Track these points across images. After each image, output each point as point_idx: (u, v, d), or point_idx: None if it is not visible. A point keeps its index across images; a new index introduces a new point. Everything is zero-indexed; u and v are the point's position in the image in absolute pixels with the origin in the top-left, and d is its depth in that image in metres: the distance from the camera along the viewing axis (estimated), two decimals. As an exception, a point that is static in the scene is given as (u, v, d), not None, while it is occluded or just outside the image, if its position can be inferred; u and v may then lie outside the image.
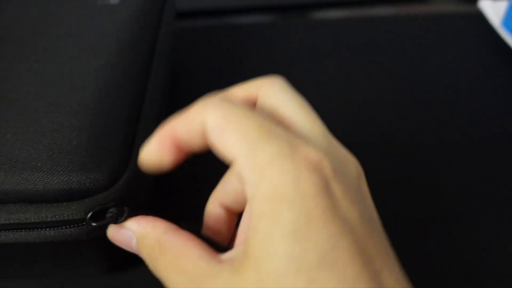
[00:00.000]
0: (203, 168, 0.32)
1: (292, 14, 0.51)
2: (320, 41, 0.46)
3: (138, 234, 0.21)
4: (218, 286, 0.18)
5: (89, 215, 0.21)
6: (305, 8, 0.51)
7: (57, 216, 0.21)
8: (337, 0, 0.51)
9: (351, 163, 0.19)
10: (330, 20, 0.49)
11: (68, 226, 0.22)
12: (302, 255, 0.16)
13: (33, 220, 0.21)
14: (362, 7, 0.51)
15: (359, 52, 0.44)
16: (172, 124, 0.20)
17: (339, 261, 0.16)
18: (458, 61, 0.44)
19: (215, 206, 0.23)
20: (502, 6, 0.46)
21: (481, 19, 0.48)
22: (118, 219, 0.21)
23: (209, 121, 0.19)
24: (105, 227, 0.22)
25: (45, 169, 0.22)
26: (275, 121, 0.19)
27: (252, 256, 0.17)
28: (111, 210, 0.22)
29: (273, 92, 0.21)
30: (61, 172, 0.22)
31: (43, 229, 0.22)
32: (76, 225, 0.22)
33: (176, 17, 0.40)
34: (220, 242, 0.22)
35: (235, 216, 0.23)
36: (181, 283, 0.18)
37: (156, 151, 0.20)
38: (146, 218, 0.21)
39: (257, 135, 0.18)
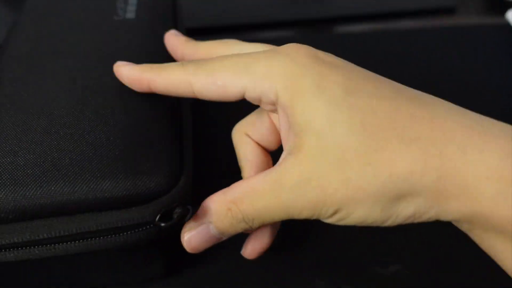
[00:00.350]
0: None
1: (316, 28, 0.51)
2: (345, 55, 0.45)
3: (211, 216, 0.23)
4: (295, 173, 0.21)
5: (158, 217, 0.22)
6: (329, 22, 0.51)
7: (127, 221, 0.22)
8: (362, 14, 0.51)
9: None
10: (355, 34, 0.49)
11: (137, 230, 0.22)
12: (332, 93, 0.21)
13: (104, 227, 0.22)
14: (388, 20, 0.51)
15: (385, 65, 0.44)
16: (153, 77, 0.25)
17: (358, 83, 0.21)
18: (486, 73, 0.44)
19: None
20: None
21: (508, 30, 0.48)
22: (185, 218, 0.22)
23: (197, 85, 0.24)
24: (172, 227, 0.23)
25: (110, 177, 0.22)
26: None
27: (303, 130, 0.21)
28: (176, 210, 0.22)
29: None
30: (126, 179, 0.22)
31: (114, 235, 0.22)
32: (145, 228, 0.23)
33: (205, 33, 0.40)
34: None
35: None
36: (273, 202, 0.21)
37: (131, 82, 0.26)
38: (203, 205, 0.23)
39: (244, 62, 0.23)
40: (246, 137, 0.27)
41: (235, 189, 0.22)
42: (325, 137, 0.20)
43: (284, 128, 0.23)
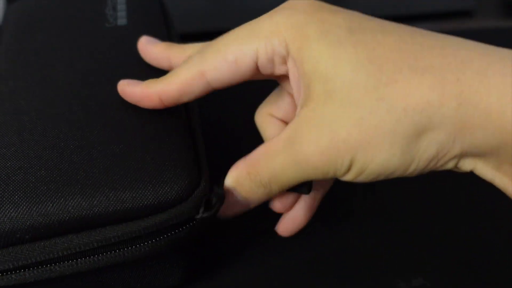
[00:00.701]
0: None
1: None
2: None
3: (234, 181, 0.23)
4: (305, 123, 0.20)
5: (201, 210, 0.22)
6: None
7: (149, 229, 0.22)
8: (379, 17, 0.50)
9: None
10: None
11: (159, 238, 0.22)
12: (335, 35, 0.20)
13: (125, 238, 0.21)
14: (404, 23, 0.50)
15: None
16: (163, 87, 0.24)
17: (361, 23, 0.21)
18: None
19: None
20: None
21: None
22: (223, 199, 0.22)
23: (209, 70, 0.23)
24: (194, 233, 0.23)
25: (129, 187, 0.22)
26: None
27: (311, 78, 0.20)
28: (213, 200, 0.22)
29: None
30: (145, 188, 0.22)
31: (138, 245, 0.22)
32: (166, 235, 0.22)
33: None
34: None
35: None
36: (287, 159, 0.21)
37: (139, 100, 0.25)
38: (228, 173, 0.23)
39: (248, 28, 0.22)
40: (270, 117, 0.27)
41: (254, 152, 0.22)
42: (331, 79, 0.20)
43: (296, 85, 0.22)
